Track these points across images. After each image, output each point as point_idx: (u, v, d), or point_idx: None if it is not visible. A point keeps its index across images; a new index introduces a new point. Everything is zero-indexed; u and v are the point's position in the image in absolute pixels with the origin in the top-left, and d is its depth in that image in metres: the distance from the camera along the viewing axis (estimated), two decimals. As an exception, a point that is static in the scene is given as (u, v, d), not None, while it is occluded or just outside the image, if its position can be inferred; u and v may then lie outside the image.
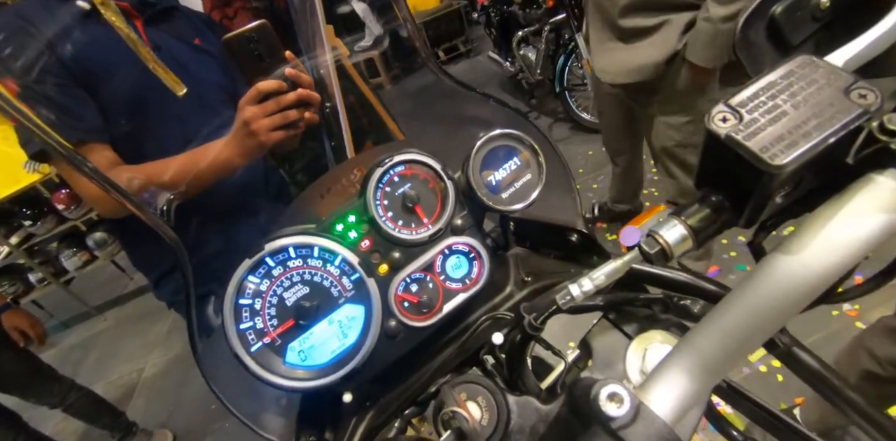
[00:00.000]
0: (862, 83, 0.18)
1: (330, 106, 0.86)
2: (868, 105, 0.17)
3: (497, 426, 0.22)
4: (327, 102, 0.83)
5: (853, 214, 0.17)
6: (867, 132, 0.17)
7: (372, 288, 0.29)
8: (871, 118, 0.17)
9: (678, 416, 0.17)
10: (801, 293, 0.17)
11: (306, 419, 0.33)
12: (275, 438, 0.31)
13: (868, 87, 0.18)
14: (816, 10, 0.30)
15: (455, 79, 0.40)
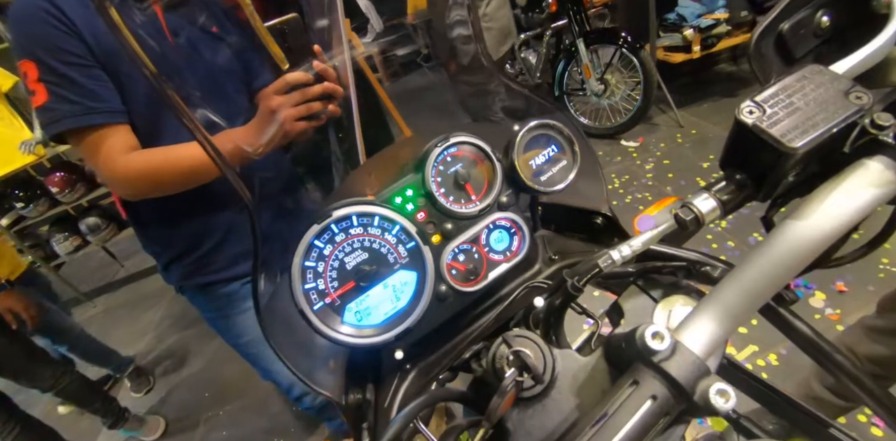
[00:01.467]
0: (858, 87, 0.23)
1: (344, 98, 0.87)
2: (863, 104, 0.22)
3: (545, 368, 0.26)
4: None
5: (847, 191, 0.21)
6: (860, 127, 0.22)
7: (427, 255, 0.32)
8: (864, 115, 0.21)
9: (708, 353, 0.22)
10: (805, 254, 0.22)
11: (352, 378, 0.37)
12: (327, 393, 0.34)
13: (863, 91, 0.22)
14: (818, 29, 0.35)
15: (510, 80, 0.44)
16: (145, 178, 0.74)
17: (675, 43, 2.67)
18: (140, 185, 0.74)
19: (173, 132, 0.78)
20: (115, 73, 0.71)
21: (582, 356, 0.28)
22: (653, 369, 0.21)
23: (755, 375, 0.37)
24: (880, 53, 0.29)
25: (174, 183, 0.76)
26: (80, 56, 0.68)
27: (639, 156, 2.45)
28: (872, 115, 0.21)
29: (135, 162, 0.72)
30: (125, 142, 0.73)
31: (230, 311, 0.98)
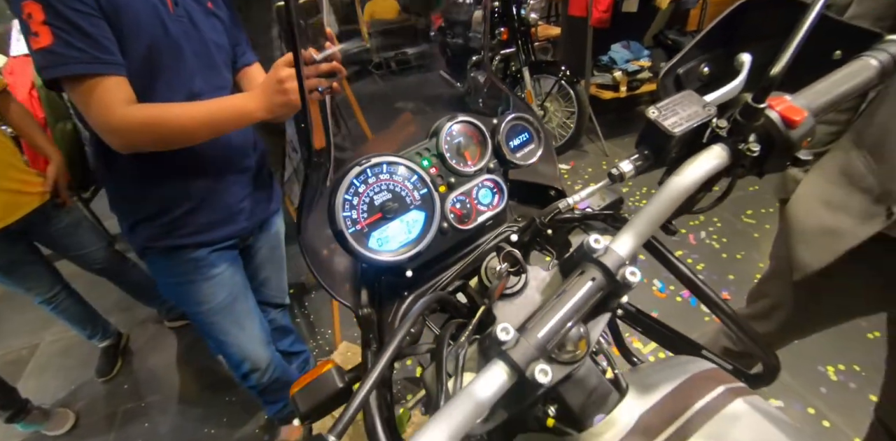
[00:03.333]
0: (711, 104, 0.39)
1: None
2: (712, 114, 0.38)
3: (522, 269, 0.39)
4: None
5: (701, 162, 0.37)
6: (710, 127, 0.38)
7: (436, 199, 0.45)
8: (712, 120, 0.37)
9: (628, 254, 0.35)
10: (676, 200, 0.37)
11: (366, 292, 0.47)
12: (347, 303, 0.44)
13: (713, 107, 0.38)
14: (700, 75, 0.52)
15: (507, 89, 0.57)
16: (144, 130, 0.76)
17: (606, 82, 3.05)
18: (136, 137, 0.77)
19: (164, 91, 0.81)
20: (117, 29, 0.74)
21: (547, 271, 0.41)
22: (593, 262, 0.35)
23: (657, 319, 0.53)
24: (733, 91, 0.46)
25: (171, 139, 0.80)
26: (89, 5, 0.70)
27: (570, 177, 2.73)
28: (716, 120, 0.38)
29: (135, 114, 0.75)
30: (125, 94, 0.75)
31: (196, 276, 1.00)
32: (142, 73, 0.78)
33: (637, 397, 0.38)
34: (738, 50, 0.50)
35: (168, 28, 0.81)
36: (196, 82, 0.87)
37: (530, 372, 0.30)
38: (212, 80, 0.91)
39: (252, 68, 1.01)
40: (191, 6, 0.86)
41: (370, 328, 0.46)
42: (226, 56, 0.95)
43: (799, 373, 1.43)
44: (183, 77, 0.85)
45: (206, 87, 0.89)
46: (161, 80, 0.81)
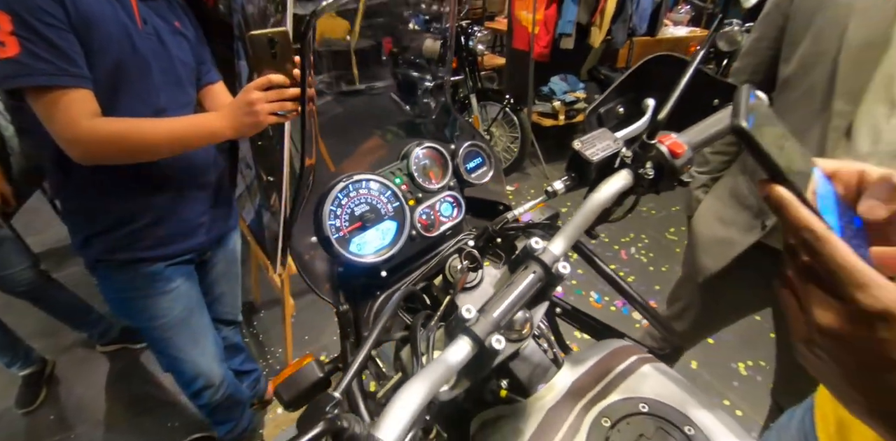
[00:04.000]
0: (620, 139, 0.51)
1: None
2: (620, 146, 0.49)
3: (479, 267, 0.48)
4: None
5: (612, 183, 0.48)
6: (619, 156, 0.50)
7: (406, 211, 0.53)
8: (620, 150, 0.49)
9: (562, 251, 0.45)
10: (597, 210, 0.47)
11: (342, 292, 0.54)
12: (330, 300, 0.51)
13: (619, 140, 0.50)
14: (617, 114, 0.65)
15: (464, 121, 0.67)
16: (109, 143, 0.78)
17: (546, 110, 3.30)
18: (101, 149, 0.78)
19: (129, 106, 0.83)
20: (86, 43, 0.76)
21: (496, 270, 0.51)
22: (534, 259, 0.44)
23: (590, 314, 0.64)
24: (639, 129, 0.59)
25: (137, 153, 0.82)
26: (58, 19, 0.71)
27: (514, 198, 2.91)
28: (623, 151, 0.49)
29: (102, 127, 0.77)
30: (91, 107, 0.76)
31: (151, 290, 1.00)
32: (108, 87, 0.79)
33: (571, 368, 0.47)
34: (645, 95, 0.64)
35: (136, 45, 0.83)
36: (161, 98, 0.90)
37: (488, 342, 0.38)
38: (177, 96, 0.93)
39: (216, 87, 1.05)
40: (159, 24, 0.89)
41: (348, 323, 0.53)
42: (191, 74, 0.98)
43: (714, 370, 1.62)
44: (148, 93, 0.87)
45: (171, 104, 0.92)
46: (127, 95, 0.83)
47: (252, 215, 1.80)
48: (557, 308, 0.65)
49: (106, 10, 0.78)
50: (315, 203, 0.49)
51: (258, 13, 1.38)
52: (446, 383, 0.41)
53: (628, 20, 3.21)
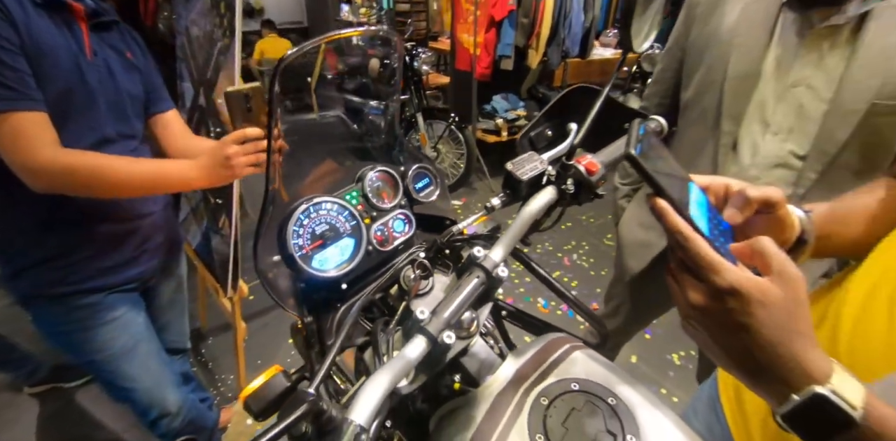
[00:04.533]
0: (546, 159, 0.60)
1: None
2: (546, 166, 0.58)
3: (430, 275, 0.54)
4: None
5: (540, 197, 0.56)
6: (546, 174, 0.58)
7: (363, 229, 0.59)
8: (546, 169, 0.58)
9: (501, 258, 0.53)
10: (529, 221, 0.55)
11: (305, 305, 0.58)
12: (295, 313, 0.55)
13: (545, 161, 0.59)
14: (546, 137, 0.75)
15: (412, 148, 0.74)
16: (72, 175, 0.77)
17: (490, 128, 3.46)
18: (61, 181, 0.78)
19: (74, 136, 0.82)
20: (35, 70, 0.76)
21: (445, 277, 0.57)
22: (477, 266, 0.51)
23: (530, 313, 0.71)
24: (563, 150, 0.69)
25: (98, 189, 0.82)
26: (13, 44, 0.72)
27: (463, 212, 3.01)
28: (549, 170, 0.58)
29: (66, 159, 0.76)
30: (51, 134, 0.76)
31: (92, 322, 0.97)
32: (53, 116, 0.79)
33: (514, 359, 0.54)
34: (568, 120, 0.74)
35: (84, 75, 0.83)
36: (107, 129, 0.89)
37: (441, 338, 0.44)
38: (122, 128, 0.93)
39: (168, 115, 1.05)
40: (109, 56, 0.90)
41: (312, 334, 0.57)
42: (138, 106, 0.98)
43: (651, 362, 1.77)
44: (94, 123, 0.87)
45: (116, 135, 0.92)
46: (72, 125, 0.83)
47: (199, 239, 1.76)
48: (503, 311, 0.72)
49: (57, 39, 0.78)
50: (278, 224, 0.54)
51: (204, 36, 1.40)
52: (406, 378, 0.47)
53: (562, 43, 3.46)
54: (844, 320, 0.49)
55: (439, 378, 0.54)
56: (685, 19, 1.04)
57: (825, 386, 0.32)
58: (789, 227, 0.48)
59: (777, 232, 0.48)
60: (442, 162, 3.29)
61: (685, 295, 0.38)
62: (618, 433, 0.44)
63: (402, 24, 5.40)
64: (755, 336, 0.34)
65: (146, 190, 0.84)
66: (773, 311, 0.33)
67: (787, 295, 0.34)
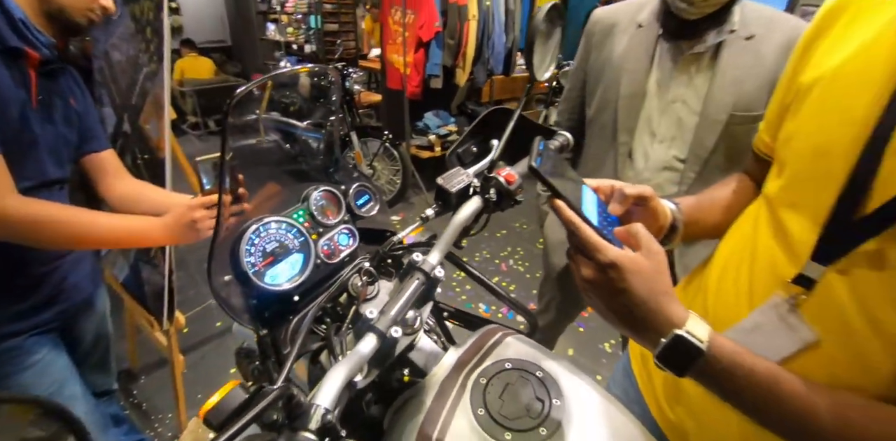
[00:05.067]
0: (471, 173, 0.69)
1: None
2: (472, 179, 0.67)
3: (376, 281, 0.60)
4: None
5: (467, 207, 0.65)
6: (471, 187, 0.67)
7: (311, 244, 0.64)
8: (472, 183, 0.67)
9: (437, 261, 0.60)
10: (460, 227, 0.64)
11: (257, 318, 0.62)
12: (251, 327, 0.59)
13: (470, 175, 0.68)
14: (472, 153, 0.84)
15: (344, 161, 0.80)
16: (30, 225, 0.76)
17: (423, 144, 3.58)
18: (18, 230, 0.76)
19: (16, 182, 0.80)
20: None
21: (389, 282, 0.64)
22: (417, 269, 0.58)
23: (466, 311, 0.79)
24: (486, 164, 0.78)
25: (55, 241, 0.81)
26: None
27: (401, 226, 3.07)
28: (474, 182, 0.67)
29: (30, 208, 0.76)
30: (7, 180, 0.75)
31: (11, 368, 0.92)
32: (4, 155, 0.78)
33: (455, 350, 0.61)
34: (490, 137, 0.83)
35: (29, 122, 0.83)
36: (46, 175, 0.89)
37: (389, 334, 0.51)
38: (58, 173, 0.93)
39: (104, 155, 1.04)
40: (54, 102, 0.90)
41: (268, 346, 0.61)
42: (71, 151, 0.98)
43: (586, 353, 1.92)
44: (35, 169, 0.87)
45: (52, 181, 0.91)
46: (16, 169, 0.81)
47: (126, 272, 1.68)
48: (445, 312, 0.80)
49: (9, 86, 0.78)
50: (230, 245, 0.58)
51: (127, 61, 1.38)
52: (361, 374, 0.52)
53: (487, 62, 3.67)
54: (710, 286, 0.62)
55: (390, 373, 0.60)
56: (585, 46, 1.20)
57: (682, 329, 0.43)
58: (662, 216, 0.61)
59: (652, 221, 0.60)
60: (378, 179, 3.34)
61: (580, 272, 0.48)
62: (545, 399, 0.52)
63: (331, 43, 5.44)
64: (631, 297, 0.44)
65: (106, 245, 0.85)
66: (642, 277, 0.44)
67: (651, 265, 0.45)
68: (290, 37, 5.66)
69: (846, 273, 0.45)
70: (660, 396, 0.67)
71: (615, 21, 1.12)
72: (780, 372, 0.43)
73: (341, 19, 5.59)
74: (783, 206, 0.53)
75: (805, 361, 0.48)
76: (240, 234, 0.58)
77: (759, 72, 0.96)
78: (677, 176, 1.04)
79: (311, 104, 3.37)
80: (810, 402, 0.41)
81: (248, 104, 0.55)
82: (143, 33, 1.29)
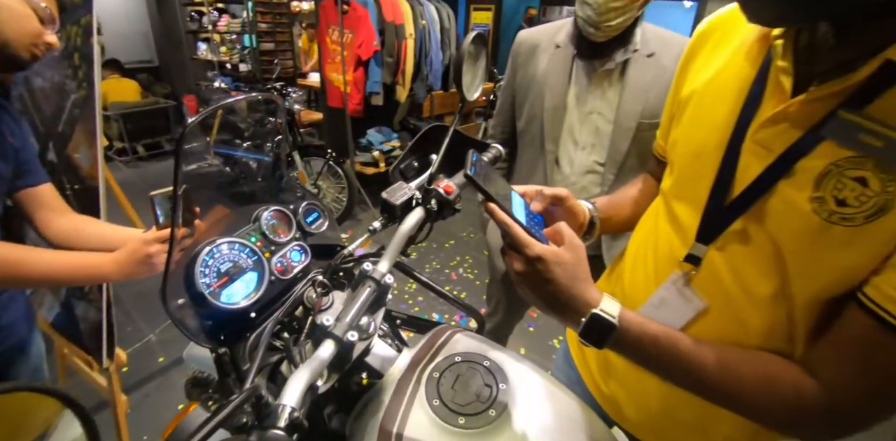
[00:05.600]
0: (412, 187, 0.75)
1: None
2: (414, 192, 0.73)
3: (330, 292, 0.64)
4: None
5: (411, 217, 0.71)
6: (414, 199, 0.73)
7: (264, 262, 0.66)
8: (414, 196, 0.73)
9: (387, 269, 0.65)
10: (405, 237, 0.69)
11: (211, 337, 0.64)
12: (208, 345, 0.61)
13: (412, 188, 0.74)
14: (414, 168, 0.90)
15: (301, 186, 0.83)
16: None
17: (367, 160, 3.60)
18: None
19: None
20: None
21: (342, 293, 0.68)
22: (369, 277, 0.63)
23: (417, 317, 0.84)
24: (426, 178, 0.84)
25: (4, 283, 0.79)
26: None
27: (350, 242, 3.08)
28: (416, 194, 0.73)
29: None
30: None
31: None
32: None
33: (409, 351, 0.66)
34: (429, 153, 0.90)
35: None
36: None
37: (346, 338, 0.55)
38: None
39: (42, 190, 1.01)
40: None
41: (226, 364, 0.63)
42: (6, 186, 0.94)
43: (538, 351, 2.01)
44: None
45: None
46: None
47: (57, 310, 1.58)
48: (398, 319, 0.85)
49: None
50: (184, 267, 0.60)
51: (52, 88, 1.33)
52: (321, 378, 0.56)
53: (425, 79, 3.78)
54: (625, 271, 0.71)
55: (349, 377, 0.64)
56: (511, 66, 1.31)
57: (597, 308, 0.51)
58: (581, 214, 0.70)
59: (572, 219, 0.69)
60: (324, 197, 3.33)
61: (512, 265, 0.55)
62: (493, 385, 0.58)
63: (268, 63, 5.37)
64: (555, 285, 0.51)
65: (58, 284, 0.82)
66: (564, 268, 0.52)
67: (572, 257, 0.53)
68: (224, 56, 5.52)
69: (723, 250, 0.55)
70: (595, 373, 0.75)
71: (537, 42, 1.24)
72: (678, 335, 0.52)
73: (277, 38, 5.53)
74: (674, 198, 0.63)
75: (700, 326, 0.58)
76: (193, 256, 0.60)
77: (661, 84, 1.10)
78: (599, 178, 1.16)
79: (256, 128, 3.32)
80: (701, 355, 0.50)
81: (195, 132, 0.58)
82: (70, 59, 1.26)
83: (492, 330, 1.44)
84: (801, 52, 0.50)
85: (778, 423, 0.50)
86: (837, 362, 0.47)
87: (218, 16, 5.49)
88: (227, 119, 3.50)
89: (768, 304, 0.52)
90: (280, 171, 0.83)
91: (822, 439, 0.49)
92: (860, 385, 0.45)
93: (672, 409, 0.64)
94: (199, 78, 6.12)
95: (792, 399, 0.48)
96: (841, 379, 0.46)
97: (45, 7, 0.85)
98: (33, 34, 0.85)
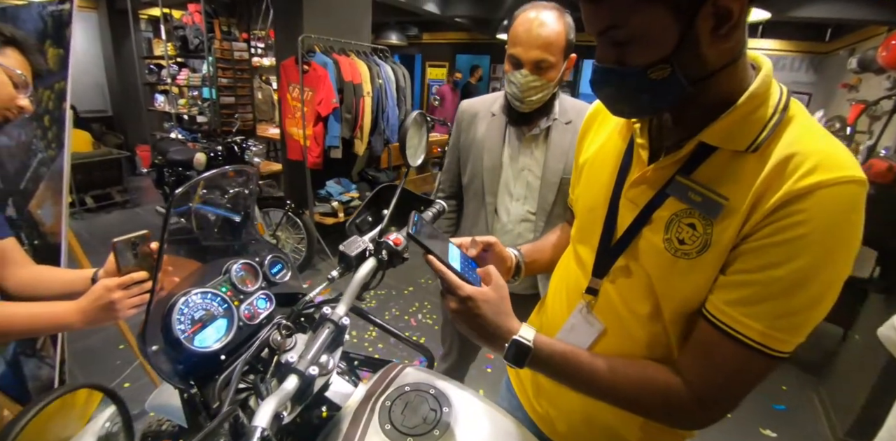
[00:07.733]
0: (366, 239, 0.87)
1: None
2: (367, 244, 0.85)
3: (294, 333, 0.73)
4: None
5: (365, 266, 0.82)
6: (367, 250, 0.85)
7: (234, 310, 0.75)
8: (368, 247, 0.85)
9: (345, 310, 0.75)
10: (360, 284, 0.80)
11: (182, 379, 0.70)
12: (180, 386, 0.68)
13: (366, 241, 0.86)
14: (368, 223, 1.03)
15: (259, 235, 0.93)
16: None
17: (327, 211, 3.70)
18: None
19: None
20: None
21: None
22: (327, 319, 0.73)
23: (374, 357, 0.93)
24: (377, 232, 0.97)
25: None
26: None
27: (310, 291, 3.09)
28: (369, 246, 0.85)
29: None
30: None
31: None
32: None
33: (364, 385, 0.75)
34: (382, 208, 1.03)
35: None
36: None
37: (308, 373, 0.64)
38: None
39: (6, 244, 1.03)
40: None
41: (196, 404, 0.69)
42: None
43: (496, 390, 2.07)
44: None
45: None
46: None
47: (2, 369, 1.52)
48: (355, 361, 0.93)
49: None
50: (162, 316, 0.68)
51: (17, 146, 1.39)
52: (286, 410, 0.64)
53: (383, 133, 4.01)
54: (547, 304, 0.85)
55: (310, 411, 0.71)
56: (456, 129, 1.51)
57: (517, 335, 0.63)
58: (508, 259, 0.84)
59: (501, 263, 0.83)
60: (283, 248, 3.36)
61: (449, 305, 0.67)
62: (437, 409, 0.68)
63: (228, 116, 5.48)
64: (483, 319, 0.64)
65: (21, 336, 0.84)
66: (490, 305, 0.64)
67: (496, 295, 0.66)
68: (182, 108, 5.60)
69: (613, 282, 0.70)
70: (530, 395, 0.87)
71: (477, 111, 1.45)
72: (579, 351, 0.66)
73: (237, 92, 5.71)
74: (577, 242, 0.79)
75: (602, 344, 0.72)
76: (171, 305, 0.69)
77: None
78: (532, 226, 1.33)
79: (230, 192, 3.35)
80: (595, 365, 0.64)
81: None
82: (41, 120, 1.34)
83: (447, 370, 1.52)
84: (654, 131, 0.69)
85: (659, 415, 0.63)
86: (693, 361, 0.61)
87: (178, 70, 5.63)
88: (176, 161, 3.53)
89: (648, 322, 0.67)
90: (248, 228, 0.93)
91: (697, 425, 0.62)
92: (711, 378, 0.59)
93: (591, 417, 0.76)
94: (154, 128, 6.12)
95: (665, 394, 0.61)
96: (696, 375, 0.60)
97: (20, 74, 0.90)
98: (7, 99, 0.88)
